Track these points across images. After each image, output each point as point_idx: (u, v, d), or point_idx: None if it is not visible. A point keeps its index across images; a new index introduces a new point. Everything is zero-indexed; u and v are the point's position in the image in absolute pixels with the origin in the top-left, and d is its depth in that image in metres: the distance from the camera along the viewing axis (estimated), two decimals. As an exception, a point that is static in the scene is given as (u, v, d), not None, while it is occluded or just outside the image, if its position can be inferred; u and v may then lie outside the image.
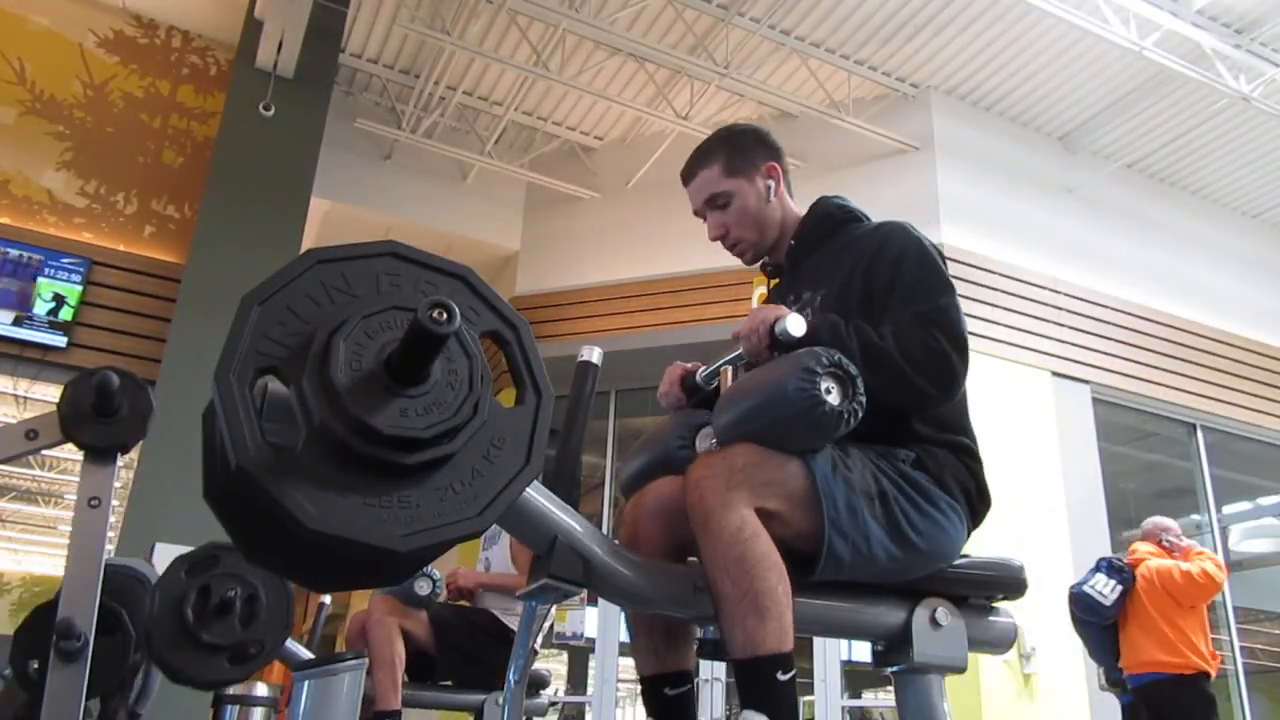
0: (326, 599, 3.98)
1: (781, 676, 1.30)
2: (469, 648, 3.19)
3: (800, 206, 1.82)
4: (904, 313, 1.54)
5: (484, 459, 1.04)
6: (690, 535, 1.40)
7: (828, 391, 1.34)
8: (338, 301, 1.04)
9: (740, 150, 1.76)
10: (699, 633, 1.58)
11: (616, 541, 1.46)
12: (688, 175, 1.78)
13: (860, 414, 1.36)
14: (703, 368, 1.70)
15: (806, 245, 1.76)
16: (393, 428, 0.97)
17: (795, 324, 1.46)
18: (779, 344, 1.48)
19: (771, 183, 1.76)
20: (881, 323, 1.54)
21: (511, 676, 1.56)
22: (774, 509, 1.37)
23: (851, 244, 1.69)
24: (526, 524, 1.30)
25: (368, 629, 3.07)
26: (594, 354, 1.58)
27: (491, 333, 1.11)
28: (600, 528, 1.46)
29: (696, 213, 1.81)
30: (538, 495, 1.29)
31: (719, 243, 1.79)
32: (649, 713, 1.54)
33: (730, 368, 1.62)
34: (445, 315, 0.95)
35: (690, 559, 1.49)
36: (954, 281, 1.60)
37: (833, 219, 1.76)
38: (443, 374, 1.01)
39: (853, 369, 1.37)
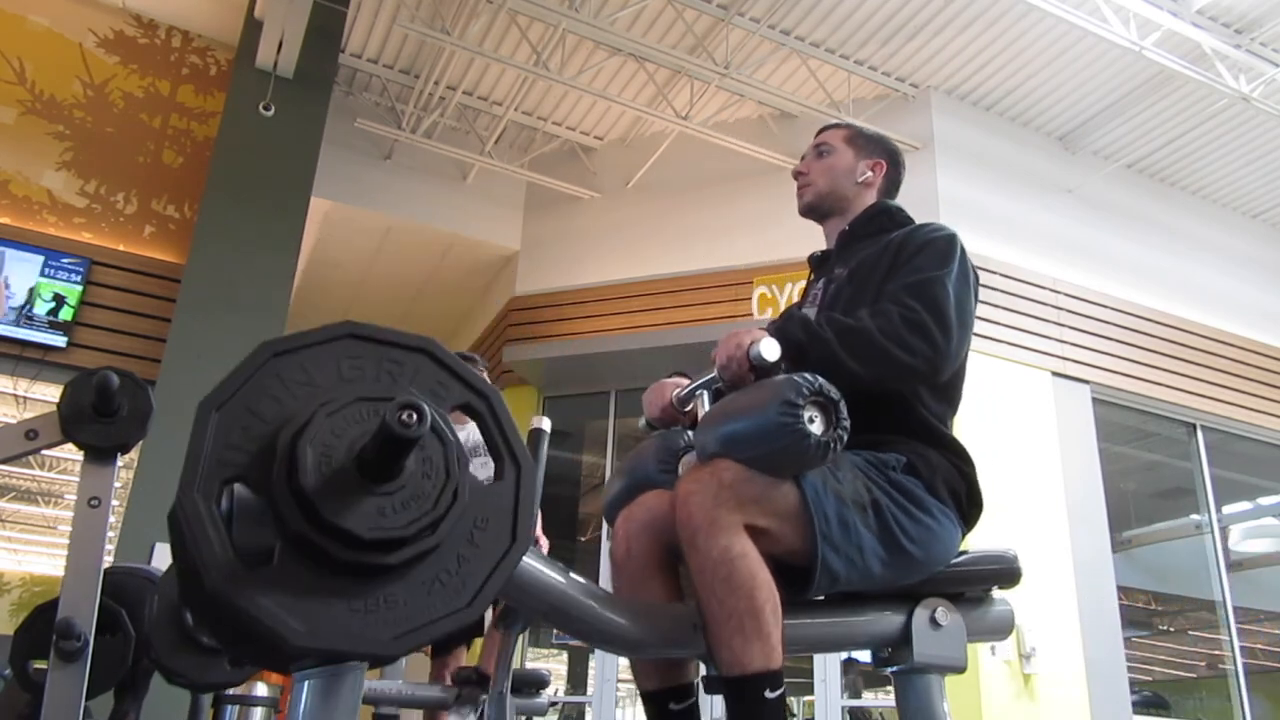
0: None
1: (769, 694, 1.29)
2: None
3: None
4: (892, 287, 1.57)
5: (468, 543, 1.00)
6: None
7: (811, 421, 1.33)
8: (299, 395, 0.99)
9: (866, 137, 1.92)
10: (702, 669, 1.58)
11: (610, 587, 1.46)
12: (818, 134, 1.97)
13: (845, 438, 1.35)
14: (678, 391, 1.69)
15: (856, 234, 1.82)
16: (373, 530, 0.92)
17: (769, 348, 1.45)
18: (755, 369, 1.47)
19: (870, 174, 1.87)
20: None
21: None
22: (764, 525, 1.36)
23: (893, 238, 1.72)
24: (525, 596, 1.29)
25: None
26: (544, 423, 1.63)
27: (462, 405, 1.07)
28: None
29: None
30: (529, 561, 1.27)
31: (796, 180, 1.91)
32: None
33: (705, 392, 1.61)
34: (415, 417, 0.90)
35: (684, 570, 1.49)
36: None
37: (889, 217, 1.81)
38: (417, 464, 0.97)
39: (834, 393, 1.35)
